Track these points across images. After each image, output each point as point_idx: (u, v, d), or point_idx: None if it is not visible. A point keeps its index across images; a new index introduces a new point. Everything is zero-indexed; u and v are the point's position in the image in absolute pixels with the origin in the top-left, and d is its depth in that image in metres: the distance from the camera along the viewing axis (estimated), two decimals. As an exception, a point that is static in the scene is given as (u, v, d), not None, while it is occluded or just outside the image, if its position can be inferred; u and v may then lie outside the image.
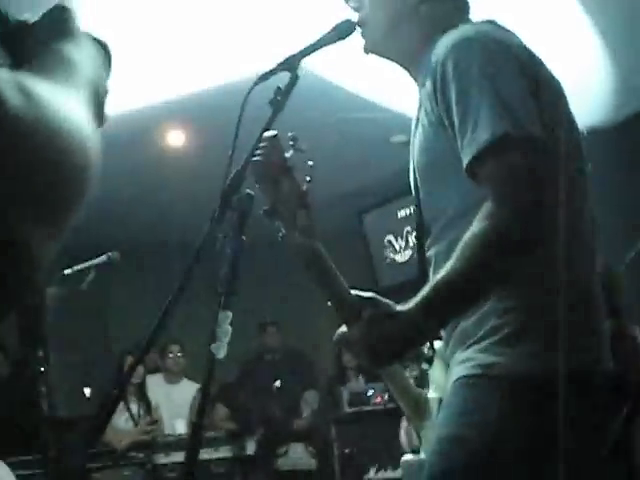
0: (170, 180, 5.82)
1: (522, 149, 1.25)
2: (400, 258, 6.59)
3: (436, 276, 1.31)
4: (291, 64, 1.52)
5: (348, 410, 5.88)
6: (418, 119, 1.51)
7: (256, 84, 1.52)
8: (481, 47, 1.36)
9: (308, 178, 1.50)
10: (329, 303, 1.47)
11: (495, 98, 1.28)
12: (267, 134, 1.47)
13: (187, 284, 1.43)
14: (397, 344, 1.33)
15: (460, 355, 1.39)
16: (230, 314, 1.48)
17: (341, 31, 1.55)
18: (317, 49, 1.55)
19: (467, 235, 1.26)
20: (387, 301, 1.39)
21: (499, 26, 1.51)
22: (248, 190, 1.48)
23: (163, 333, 1.51)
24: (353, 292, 1.44)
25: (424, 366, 1.62)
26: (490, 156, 1.26)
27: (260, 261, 6.80)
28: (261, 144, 1.46)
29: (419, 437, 1.68)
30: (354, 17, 1.61)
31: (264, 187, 1.48)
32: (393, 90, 4.76)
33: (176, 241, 5.94)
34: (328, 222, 6.76)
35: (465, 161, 1.30)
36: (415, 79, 1.59)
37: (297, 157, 1.51)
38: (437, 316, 1.33)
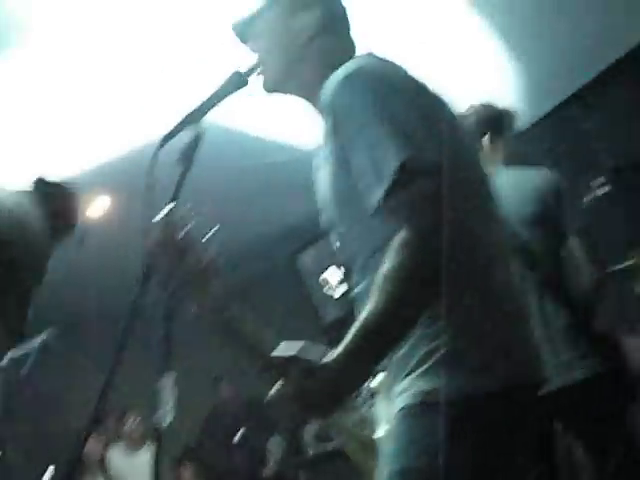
0: (93, 252, 5.75)
1: (425, 175, 1.24)
2: (339, 292, 6.62)
3: (358, 319, 1.27)
4: (192, 121, 1.53)
5: (313, 452, 5.82)
6: (321, 160, 1.51)
7: (161, 146, 1.50)
8: (368, 81, 1.36)
9: (211, 248, 1.47)
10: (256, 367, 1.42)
11: (391, 129, 1.28)
12: (155, 219, 1.41)
13: (122, 351, 1.40)
14: (328, 396, 1.29)
15: (399, 386, 1.36)
16: (173, 377, 1.46)
17: (233, 84, 1.57)
18: (216, 103, 1.56)
19: (383, 270, 1.24)
20: (318, 350, 1.33)
21: (380, 58, 1.53)
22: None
23: (109, 402, 1.47)
24: (277, 352, 1.38)
25: (364, 407, 1.59)
26: (395, 189, 1.25)
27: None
28: (151, 229, 1.42)
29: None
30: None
31: (166, 272, 1.41)
32: (310, 132, 4.83)
33: (104, 312, 5.86)
34: (263, 265, 6.83)
35: (370, 197, 1.28)
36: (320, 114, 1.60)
37: (199, 226, 1.47)
38: (364, 360, 1.28)
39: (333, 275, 6.64)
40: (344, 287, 6.43)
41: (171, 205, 1.42)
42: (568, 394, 2.32)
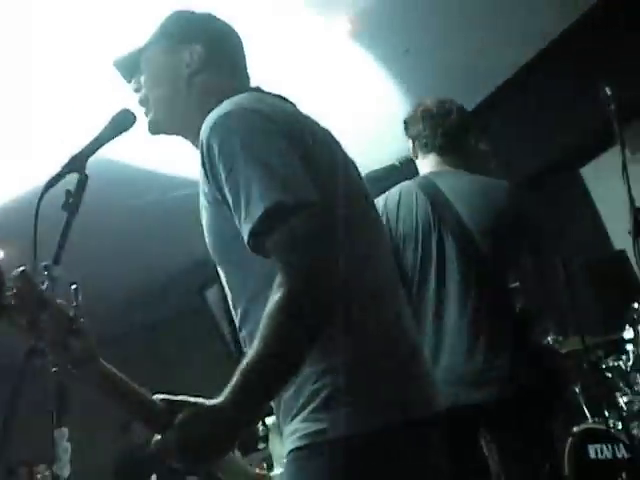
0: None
1: (297, 214, 1.23)
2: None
3: (242, 362, 1.24)
4: (77, 164, 1.48)
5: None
6: (201, 202, 1.47)
7: (45, 191, 1.45)
8: (241, 120, 1.33)
9: (74, 303, 1.38)
10: (135, 418, 1.35)
11: (262, 170, 1.26)
12: (13, 273, 1.33)
13: (16, 405, 1.34)
14: (213, 442, 1.25)
15: (287, 428, 1.34)
16: (65, 430, 1.41)
17: (121, 123, 1.51)
18: (100, 146, 1.51)
19: (265, 312, 1.22)
20: (199, 400, 1.30)
21: (264, 93, 1.50)
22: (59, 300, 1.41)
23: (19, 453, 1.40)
24: (160, 397, 1.33)
25: (260, 446, 1.57)
26: (268, 228, 1.23)
27: (117, 359, 6.57)
28: (10, 285, 1.32)
29: None
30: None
31: (22, 327, 1.32)
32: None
33: None
34: (171, 301, 6.73)
35: (245, 237, 1.26)
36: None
37: (60, 282, 1.39)
38: (250, 403, 1.25)
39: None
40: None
41: (22, 268, 1.33)
42: (494, 407, 2.32)
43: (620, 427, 3.37)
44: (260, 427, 1.55)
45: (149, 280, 6.27)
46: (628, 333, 3.49)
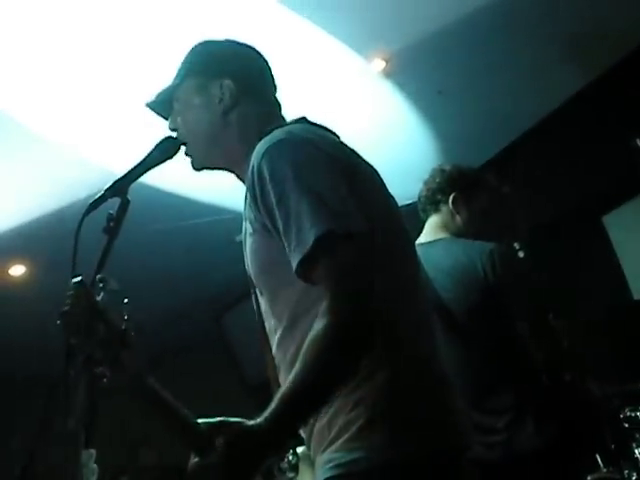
0: (13, 312, 5.58)
1: (347, 244, 1.25)
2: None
3: (282, 386, 1.27)
4: (120, 189, 1.52)
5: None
6: (246, 227, 1.50)
7: (87, 213, 1.50)
8: (293, 149, 1.36)
9: (126, 316, 1.42)
10: (175, 437, 1.40)
11: (313, 199, 1.28)
12: (72, 282, 1.38)
13: (46, 421, 1.36)
14: (253, 462, 1.26)
15: (320, 458, 1.35)
16: (94, 452, 1.42)
17: (165, 150, 1.57)
18: (144, 172, 1.56)
19: (308, 338, 1.24)
20: (238, 420, 1.34)
21: (311, 123, 1.53)
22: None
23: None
24: (200, 420, 1.38)
25: (290, 474, 1.57)
26: (318, 256, 1.25)
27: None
28: (67, 293, 1.37)
29: None
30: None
31: (77, 338, 1.36)
32: (234, 191, 4.86)
33: (23, 375, 5.68)
34: (188, 328, 6.74)
35: (294, 265, 1.28)
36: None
37: (111, 297, 1.43)
38: (287, 427, 1.27)
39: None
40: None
41: (79, 278, 1.39)
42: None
43: (635, 478, 3.34)
44: (290, 456, 1.54)
45: (166, 306, 6.29)
46: (647, 385, 3.47)
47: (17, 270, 5.39)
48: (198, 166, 1.65)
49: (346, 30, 3.73)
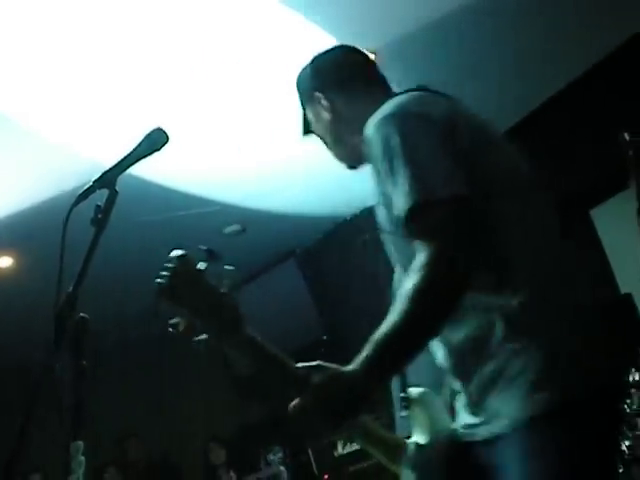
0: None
1: (447, 206, 1.39)
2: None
3: (375, 333, 1.37)
4: (108, 181, 1.52)
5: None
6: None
7: (75, 204, 1.49)
8: (400, 122, 1.50)
9: (226, 280, 1.54)
10: (278, 383, 1.49)
11: (418, 167, 1.42)
12: (174, 255, 1.51)
13: (32, 413, 1.36)
14: (346, 404, 1.37)
15: (495, 400, 1.42)
16: (82, 444, 1.42)
17: (153, 142, 1.56)
18: (133, 163, 1.55)
19: (402, 289, 1.38)
20: (332, 365, 1.42)
21: (421, 94, 1.66)
22: (82, 313, 1.43)
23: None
24: (299, 365, 1.46)
25: (403, 413, 1.66)
26: (413, 218, 1.40)
27: (118, 371, 6.58)
28: (169, 265, 1.49)
29: None
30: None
31: (184, 307, 1.50)
32: (222, 182, 4.85)
33: (9, 367, 5.66)
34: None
35: (400, 224, 1.43)
36: None
37: (213, 267, 1.55)
38: (380, 371, 1.38)
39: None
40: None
41: (182, 252, 1.52)
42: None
43: (621, 470, 3.37)
44: (402, 393, 1.69)
45: (153, 295, 6.27)
46: (633, 376, 3.50)
47: (4, 262, 5.37)
48: (348, 166, 1.84)
49: (333, 22, 3.71)
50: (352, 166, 1.83)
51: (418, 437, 1.65)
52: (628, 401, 3.56)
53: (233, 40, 3.54)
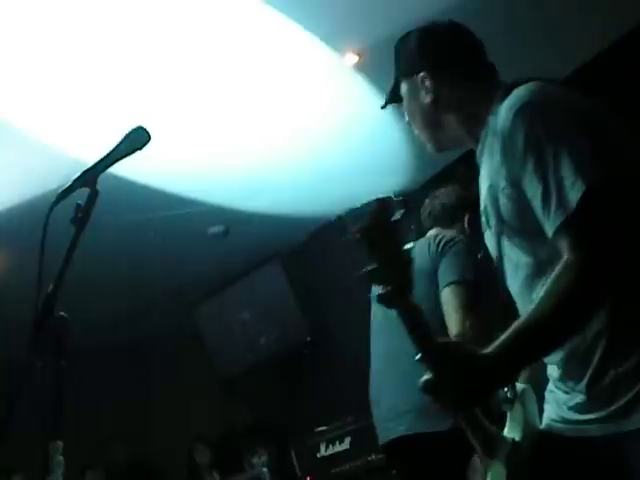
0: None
1: (607, 208, 1.34)
2: (241, 343, 6.52)
3: (517, 321, 1.37)
4: (89, 179, 1.51)
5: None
6: (491, 182, 1.56)
7: (56, 203, 1.49)
8: (543, 110, 1.45)
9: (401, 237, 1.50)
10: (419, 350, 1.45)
11: (571, 157, 1.36)
12: (379, 198, 1.48)
13: (12, 414, 1.35)
14: (482, 384, 1.37)
15: (622, 400, 1.40)
16: (61, 444, 1.42)
17: (135, 140, 1.55)
18: (113, 162, 1.54)
19: (547, 286, 1.36)
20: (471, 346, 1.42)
21: (551, 85, 1.57)
22: (62, 313, 1.42)
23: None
24: (439, 337, 1.45)
25: (505, 408, 1.67)
26: (580, 215, 1.33)
27: (101, 374, 6.55)
28: (371, 208, 1.47)
29: (486, 475, 1.68)
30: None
31: (371, 250, 1.46)
32: (206, 183, 4.84)
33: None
34: (160, 319, 6.69)
35: (556, 222, 1.36)
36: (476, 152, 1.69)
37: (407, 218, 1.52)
38: (515, 357, 1.38)
39: (234, 327, 6.55)
40: (245, 340, 6.31)
41: (387, 196, 1.48)
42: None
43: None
44: (508, 389, 1.69)
45: (137, 296, 6.24)
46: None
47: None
48: (433, 150, 1.78)
49: (318, 23, 3.71)
50: (440, 150, 1.78)
51: (513, 433, 1.66)
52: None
53: (216, 39, 3.53)
